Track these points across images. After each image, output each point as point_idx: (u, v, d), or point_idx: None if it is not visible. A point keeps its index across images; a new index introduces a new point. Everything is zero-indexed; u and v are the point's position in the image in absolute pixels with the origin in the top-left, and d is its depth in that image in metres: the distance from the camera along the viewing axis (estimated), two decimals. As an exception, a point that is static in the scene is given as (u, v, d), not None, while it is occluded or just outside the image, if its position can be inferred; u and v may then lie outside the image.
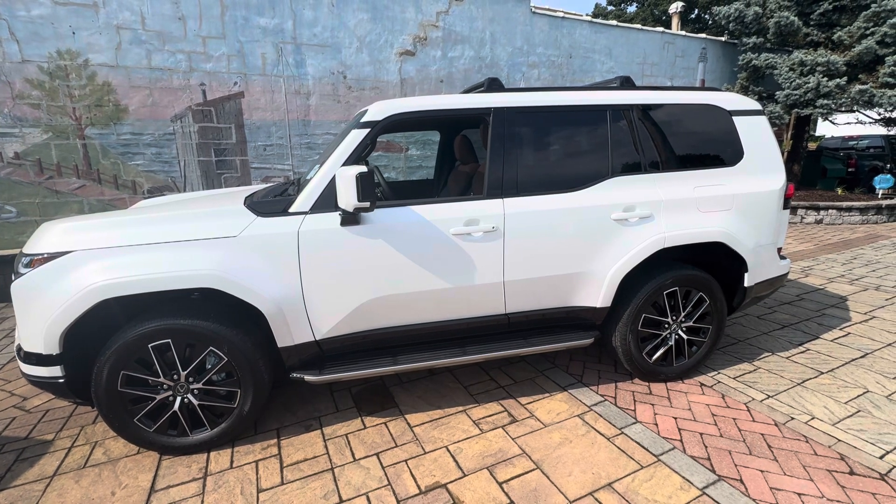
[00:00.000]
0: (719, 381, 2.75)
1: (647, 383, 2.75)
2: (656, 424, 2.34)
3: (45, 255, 1.96)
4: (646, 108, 2.59)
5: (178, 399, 2.15)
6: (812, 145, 12.33)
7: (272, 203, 2.20)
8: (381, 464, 2.10)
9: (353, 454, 2.17)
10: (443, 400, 2.62)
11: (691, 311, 2.71)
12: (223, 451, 2.23)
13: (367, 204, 2.00)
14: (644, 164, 2.56)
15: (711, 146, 2.70)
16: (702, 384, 2.73)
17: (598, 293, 2.50)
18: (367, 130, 2.25)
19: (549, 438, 2.24)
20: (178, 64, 5.04)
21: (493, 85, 2.50)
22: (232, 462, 2.14)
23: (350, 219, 2.13)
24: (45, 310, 1.92)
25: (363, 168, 1.98)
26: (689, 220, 2.55)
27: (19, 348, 2.04)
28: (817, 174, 10.26)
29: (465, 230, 2.27)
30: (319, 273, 2.15)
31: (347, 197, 2.00)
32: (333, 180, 2.18)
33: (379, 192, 2.65)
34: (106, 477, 2.06)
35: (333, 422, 2.45)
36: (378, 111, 2.28)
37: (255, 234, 2.08)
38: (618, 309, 2.59)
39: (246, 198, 2.41)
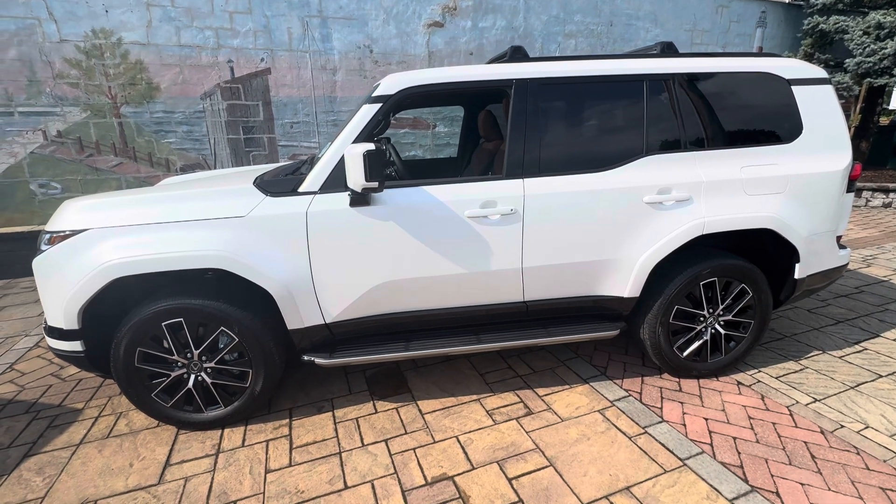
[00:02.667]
0: (759, 381, 2.52)
1: (676, 379, 2.56)
2: (684, 425, 2.17)
3: (64, 233, 1.98)
4: (690, 78, 2.32)
5: (193, 377, 2.17)
6: (884, 120, 11.14)
7: (281, 182, 2.13)
8: (388, 451, 2.05)
9: (361, 439, 2.14)
10: (457, 387, 2.55)
11: (731, 304, 2.48)
12: (237, 428, 2.26)
13: (376, 184, 1.90)
14: (685, 141, 2.31)
15: (765, 120, 2.40)
16: (739, 383, 2.51)
17: (625, 282, 2.32)
18: (379, 105, 2.13)
19: (565, 434, 2.13)
20: (206, 41, 5.04)
21: (517, 54, 2.30)
22: (244, 440, 2.16)
23: (359, 199, 2.04)
24: (64, 286, 1.96)
25: (371, 146, 1.87)
26: (733, 204, 2.29)
27: (45, 321, 2.11)
28: (888, 152, 9.27)
29: (481, 213, 2.13)
30: (329, 255, 2.09)
31: (355, 176, 1.90)
32: (343, 159, 2.08)
33: (392, 170, 2.54)
34: (126, 448, 2.13)
35: (345, 405, 2.42)
36: (390, 84, 2.14)
37: (263, 215, 2.03)
38: (647, 299, 2.40)
39: (257, 177, 2.36)
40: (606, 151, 2.27)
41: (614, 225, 2.24)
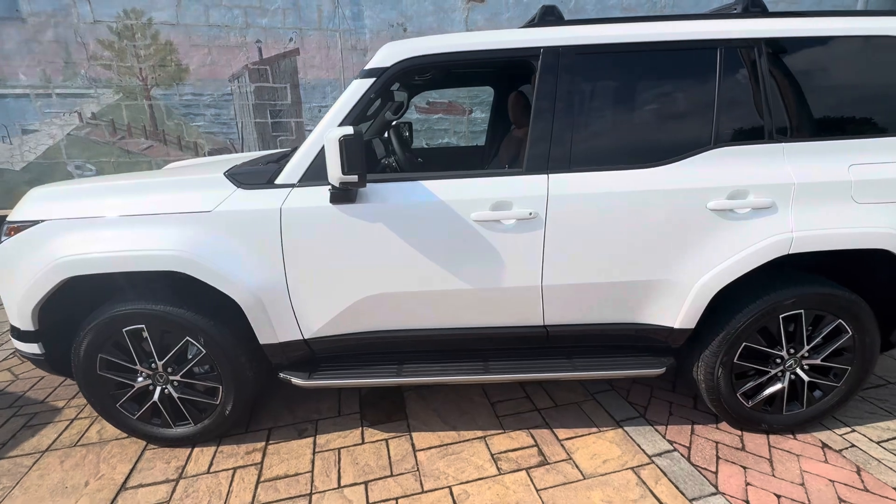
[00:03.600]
0: (854, 444, 1.94)
1: (739, 432, 2.03)
2: (747, 501, 1.66)
3: (18, 224, 1.78)
4: (781, 45, 1.74)
5: (158, 389, 1.93)
6: None
7: (257, 172, 1.81)
8: (366, 498, 1.71)
9: (339, 478, 1.82)
10: (461, 418, 2.16)
11: (821, 344, 1.90)
12: (208, 448, 2.01)
13: (355, 178, 1.53)
14: (769, 129, 1.74)
15: (883, 102, 1.78)
16: (825, 445, 1.94)
17: (676, 310, 1.81)
18: (372, 80, 1.74)
19: (585, 498, 1.69)
20: (234, 20, 4.86)
21: (548, 16, 1.82)
22: (211, 465, 1.91)
23: (340, 195, 1.68)
24: (17, 283, 1.76)
25: (349, 130, 1.50)
26: (836, 215, 1.71)
27: (11, 318, 1.94)
28: None
29: (491, 216, 1.70)
30: (306, 260, 1.75)
31: (332, 167, 1.54)
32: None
33: (392, 160, 2.15)
34: (89, 462, 1.94)
35: (331, 429, 2.11)
36: (386, 55, 1.75)
37: (232, 210, 1.72)
38: (704, 332, 1.88)
39: (235, 165, 2.05)
40: (660, 141, 1.76)
41: (667, 237, 1.73)
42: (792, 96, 1.75)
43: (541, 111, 1.73)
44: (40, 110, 4.69)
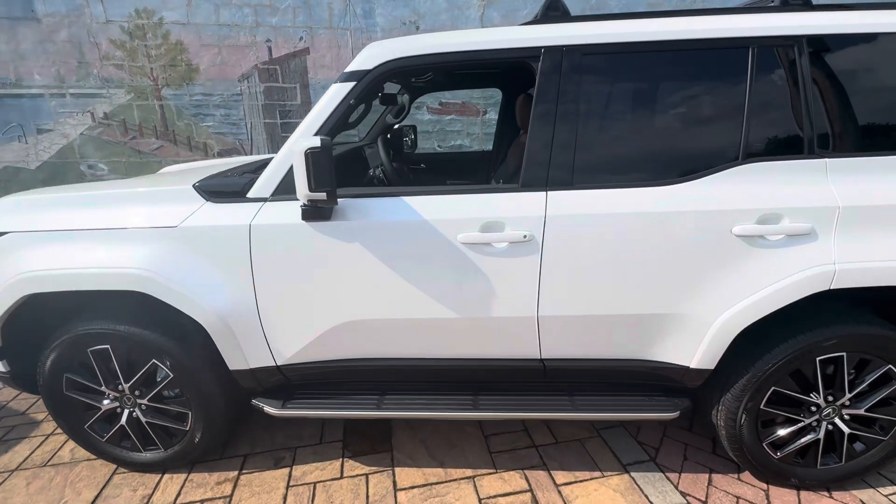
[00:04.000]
0: (902, 509, 1.67)
1: (764, 486, 1.78)
2: (772, 577, 1.42)
3: (-18, 235, 1.69)
4: (825, 43, 1.48)
5: (126, 412, 1.82)
6: None
7: (229, 184, 1.67)
8: (336, 546, 1.55)
9: (310, 519, 1.66)
10: (450, 452, 1.98)
11: (866, 392, 1.63)
12: (179, 475, 1.89)
13: (323, 195, 1.36)
14: (809, 142, 1.49)
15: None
16: (867, 508, 1.68)
17: (693, 348, 1.58)
18: (352, 84, 1.57)
19: (581, 562, 1.48)
20: (244, 19, 4.79)
21: (551, 11, 1.61)
22: (178, 495, 1.78)
23: (313, 213, 1.51)
24: (-22, 298, 1.66)
25: (316, 141, 1.33)
26: (888, 245, 1.45)
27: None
28: None
29: (480, 238, 1.51)
30: (278, 282, 1.60)
31: (300, 183, 1.38)
32: (300, 157, 1.56)
33: (378, 171, 1.98)
34: (55, 485, 1.84)
35: (309, 459, 1.96)
36: (368, 56, 1.57)
37: (198, 226, 1.59)
38: (726, 373, 1.64)
39: (210, 175, 1.91)
40: (679, 155, 1.53)
41: (683, 266, 1.51)
42: (837, 104, 1.49)
43: (540, 120, 1.53)
44: (54, 110, 4.73)
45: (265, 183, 1.61)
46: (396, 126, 3.11)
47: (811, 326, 1.55)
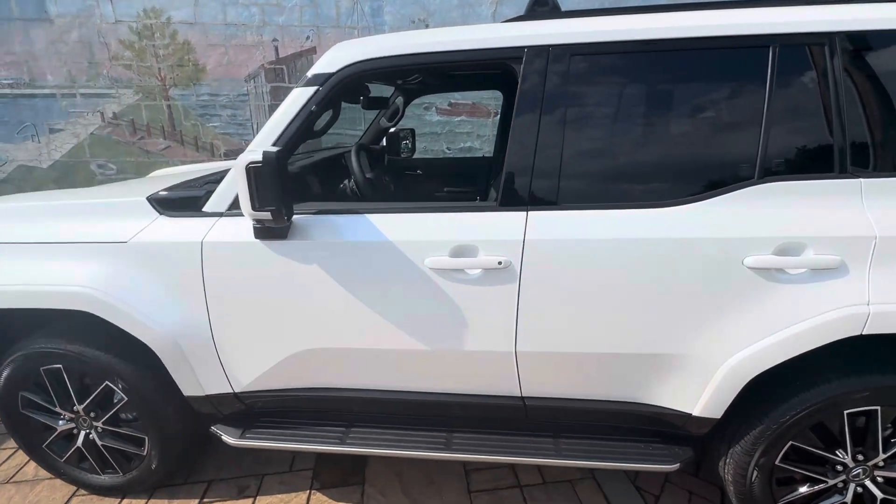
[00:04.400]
0: (946, 591, 1.41)
1: (779, 551, 1.55)
2: None
3: (-64, 246, 1.62)
4: (866, 41, 1.25)
5: (82, 434, 1.73)
6: None
7: (185, 197, 1.55)
8: None
9: (265, 561, 1.53)
10: (426, 490, 1.81)
11: (903, 453, 1.39)
12: (139, 500, 1.78)
13: (267, 215, 1.22)
14: (842, 158, 1.26)
15: None
16: (902, 586, 1.43)
17: (696, 393, 1.37)
18: (314, 89, 1.42)
19: None
20: (251, 18, 4.73)
21: (539, 6, 1.42)
22: (133, 525, 1.68)
23: (266, 231, 1.37)
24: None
25: (256, 155, 1.18)
26: (937, 285, 1.21)
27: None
28: None
29: (450, 264, 1.34)
30: (232, 305, 1.47)
31: (243, 200, 1.24)
32: (257, 168, 1.42)
33: (351, 183, 1.82)
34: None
35: (275, 489, 1.83)
36: (333, 58, 1.42)
37: (149, 241, 1.47)
38: (735, 423, 1.42)
39: (171, 186, 1.79)
40: (684, 171, 1.33)
41: (686, 300, 1.30)
42: (879, 113, 1.25)
43: (521, 129, 1.34)
44: (66, 110, 4.78)
45: (221, 196, 1.48)
46: (392, 129, 2.97)
47: (839, 375, 1.32)
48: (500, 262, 1.31)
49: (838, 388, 1.31)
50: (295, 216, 1.41)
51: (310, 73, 1.43)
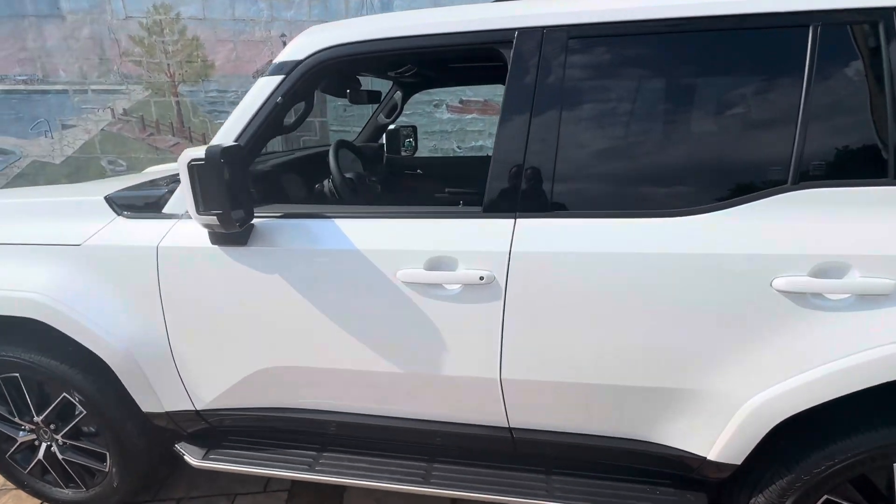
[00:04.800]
0: None
1: None
2: None
3: None
4: (932, 18, 1.03)
5: (44, 446, 1.63)
6: None
7: (144, 196, 1.43)
8: None
9: None
10: (407, 521, 1.65)
11: (967, 515, 1.15)
12: (103, 518, 1.68)
13: (212, 219, 1.07)
14: (896, 160, 1.04)
15: None
16: None
17: (713, 434, 1.17)
18: (280, 78, 1.27)
19: None
20: (259, 13, 4.65)
21: (534, -18, 1.24)
22: (92, 546, 1.57)
23: (223, 235, 1.23)
24: None
25: (198, 153, 1.04)
26: None
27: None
28: None
29: (425, 278, 1.17)
30: (190, 316, 1.34)
31: (188, 203, 1.10)
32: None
33: (328, 184, 1.66)
34: (-26, 517, 1.69)
35: (246, 511, 1.70)
36: (301, 45, 1.27)
37: (104, 245, 1.35)
38: (759, 470, 1.21)
39: (135, 185, 1.67)
40: (702, 174, 1.13)
41: (701, 327, 1.10)
42: (945, 105, 1.03)
43: (509, 123, 1.17)
44: (77, 106, 4.79)
45: (180, 196, 1.34)
46: (392, 126, 2.82)
47: (887, 421, 1.10)
48: (481, 278, 1.13)
49: (887, 437, 1.09)
50: (258, 220, 1.27)
51: (276, 60, 1.29)
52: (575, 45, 1.12)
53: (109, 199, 1.42)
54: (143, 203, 1.40)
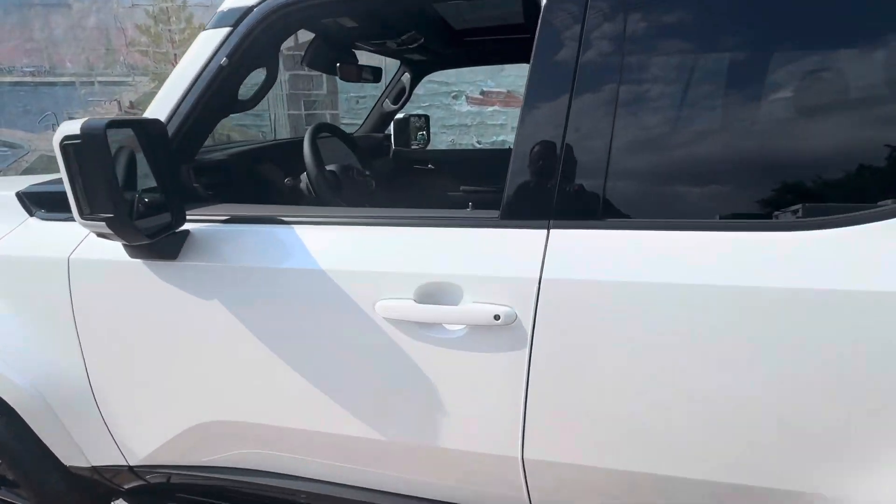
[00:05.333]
0: None
1: None
2: None
3: None
4: None
5: (-37, 493, 1.35)
6: None
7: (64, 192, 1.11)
8: None
9: None
10: None
11: None
12: (35, 579, 1.38)
13: (102, 224, 0.74)
14: None
15: None
16: None
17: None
18: (225, 32, 0.94)
19: None
20: (269, -1, 4.40)
21: None
22: None
23: (145, 248, 0.90)
24: None
25: (74, 127, 0.71)
26: None
27: None
28: None
29: (415, 313, 0.80)
30: (112, 348, 1.02)
31: (70, 200, 0.77)
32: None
33: (304, 183, 1.30)
34: None
35: (203, 582, 1.38)
36: (252, -15, 0.93)
37: (4, 255, 1.04)
38: None
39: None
40: (817, 175, 0.73)
41: (829, 395, 0.70)
42: None
43: (539, 97, 0.79)
44: (84, 98, 4.65)
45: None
46: (401, 115, 2.47)
47: None
48: (497, 316, 0.76)
49: None
50: (197, 225, 0.93)
51: (220, 8, 0.95)
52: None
53: (21, 195, 1.11)
54: (61, 199, 1.09)
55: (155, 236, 0.81)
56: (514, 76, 4.48)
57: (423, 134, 2.72)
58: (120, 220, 0.72)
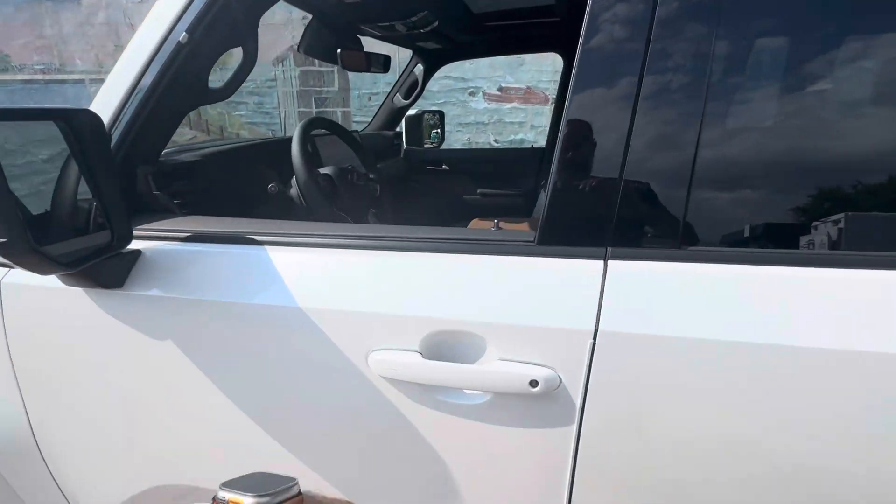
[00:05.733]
0: None
1: None
2: None
3: None
4: None
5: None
6: None
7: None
8: None
9: None
10: None
11: None
12: None
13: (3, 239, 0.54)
14: None
15: None
16: None
17: None
18: (185, 1, 0.74)
19: None
20: (279, -8, 4.24)
21: None
22: None
23: (79, 274, 0.71)
24: None
25: None
26: None
27: None
28: None
29: (419, 372, 0.59)
30: (54, 389, 0.84)
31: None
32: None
33: (294, 189, 1.08)
34: None
35: None
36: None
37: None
38: None
39: None
40: None
41: None
42: None
43: (592, 92, 0.57)
44: (94, 97, 4.58)
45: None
46: (413, 111, 2.27)
47: None
48: (534, 382, 0.55)
49: None
50: (150, 245, 0.74)
51: (181, -31, 0.76)
52: None
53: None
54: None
55: (79, 264, 0.61)
56: (534, 70, 4.24)
57: (437, 132, 2.51)
58: (15, 245, 0.53)
